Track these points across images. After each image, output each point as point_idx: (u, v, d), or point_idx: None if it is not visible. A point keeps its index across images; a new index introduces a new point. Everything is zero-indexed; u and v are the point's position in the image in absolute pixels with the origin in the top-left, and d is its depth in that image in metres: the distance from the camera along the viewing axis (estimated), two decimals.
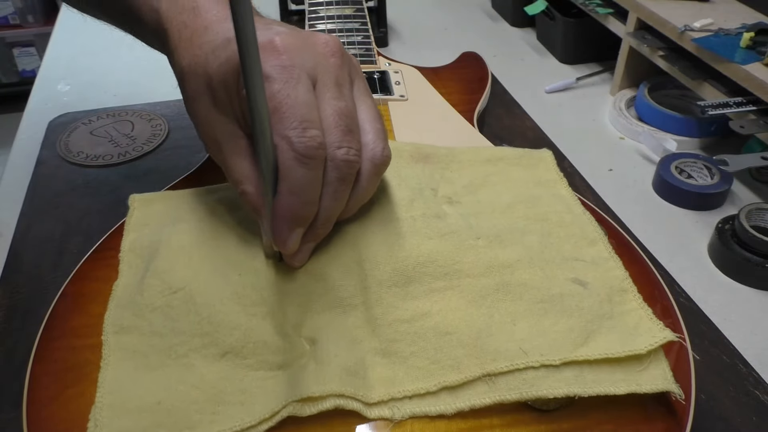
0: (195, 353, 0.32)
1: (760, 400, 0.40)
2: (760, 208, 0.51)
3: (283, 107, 0.32)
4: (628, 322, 0.33)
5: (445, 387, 0.31)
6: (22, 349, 0.42)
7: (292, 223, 0.33)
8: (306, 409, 0.29)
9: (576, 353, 0.31)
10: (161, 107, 0.67)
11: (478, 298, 0.34)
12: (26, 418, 0.30)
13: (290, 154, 0.31)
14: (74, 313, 0.35)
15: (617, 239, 0.41)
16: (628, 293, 0.35)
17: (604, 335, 0.32)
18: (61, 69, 0.79)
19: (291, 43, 0.33)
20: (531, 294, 0.34)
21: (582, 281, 0.35)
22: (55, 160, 0.60)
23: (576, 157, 0.62)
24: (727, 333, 0.44)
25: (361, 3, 0.70)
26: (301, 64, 0.33)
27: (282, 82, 0.32)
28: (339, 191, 0.34)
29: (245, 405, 0.30)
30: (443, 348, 0.32)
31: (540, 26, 0.87)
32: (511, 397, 0.30)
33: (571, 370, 0.31)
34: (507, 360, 0.31)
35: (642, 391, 0.30)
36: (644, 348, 0.31)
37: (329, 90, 0.34)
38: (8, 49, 2.21)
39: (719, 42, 0.59)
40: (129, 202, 0.41)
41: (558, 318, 0.33)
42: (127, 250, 0.38)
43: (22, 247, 0.50)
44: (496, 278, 0.35)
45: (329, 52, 0.35)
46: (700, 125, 0.64)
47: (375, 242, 0.36)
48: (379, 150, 0.35)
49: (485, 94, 0.58)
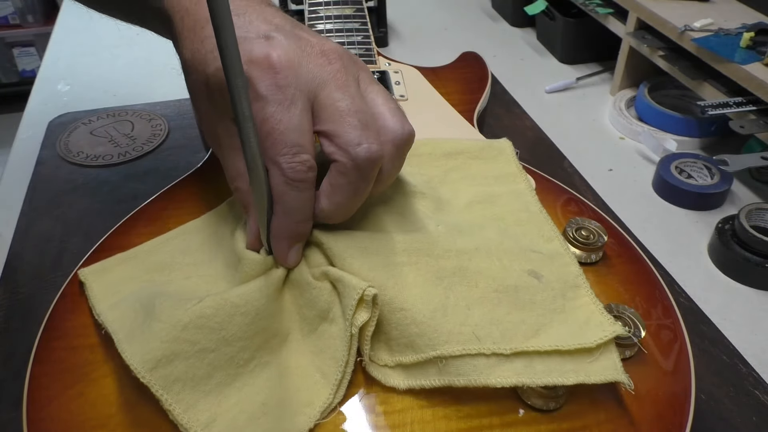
0: (262, 351, 0.32)
1: (760, 400, 0.40)
2: (760, 208, 0.51)
3: (275, 133, 0.32)
4: (579, 317, 0.34)
5: (400, 364, 0.32)
6: (22, 349, 0.42)
7: (290, 240, 0.34)
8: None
9: (527, 344, 0.31)
10: (161, 107, 0.67)
11: (435, 279, 0.34)
12: (26, 418, 0.30)
13: (281, 179, 0.32)
14: (74, 313, 0.35)
15: (617, 239, 0.41)
16: (581, 289, 0.35)
17: (555, 329, 0.33)
18: (61, 69, 0.79)
19: (288, 59, 0.33)
20: (487, 283, 0.34)
21: (537, 274, 0.35)
22: (55, 160, 0.60)
23: (576, 157, 0.62)
24: (727, 333, 0.44)
25: (361, 3, 0.70)
26: (297, 82, 0.33)
27: (276, 104, 0.32)
28: (359, 188, 0.34)
29: (327, 376, 0.32)
30: (398, 325, 0.32)
31: (540, 26, 0.87)
32: (459, 382, 0.30)
33: (521, 360, 0.31)
34: (459, 344, 0.31)
35: (590, 382, 0.30)
36: (594, 342, 0.31)
37: (333, 96, 0.34)
38: (8, 49, 2.21)
39: (719, 42, 0.59)
40: (80, 278, 0.37)
41: (511, 309, 0.33)
42: (108, 311, 0.34)
43: (22, 247, 0.50)
44: (454, 262, 0.35)
45: (326, 60, 0.35)
46: (700, 125, 0.64)
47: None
48: (399, 129, 0.35)
49: (485, 94, 0.58)
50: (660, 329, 0.35)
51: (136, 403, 0.31)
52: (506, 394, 0.31)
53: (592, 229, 0.40)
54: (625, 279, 0.38)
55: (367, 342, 0.32)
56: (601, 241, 0.39)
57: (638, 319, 0.34)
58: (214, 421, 0.30)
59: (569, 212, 0.43)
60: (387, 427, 0.30)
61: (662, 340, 0.34)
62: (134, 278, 0.36)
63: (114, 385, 0.32)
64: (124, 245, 0.39)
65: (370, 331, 0.32)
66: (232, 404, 0.30)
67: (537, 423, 0.31)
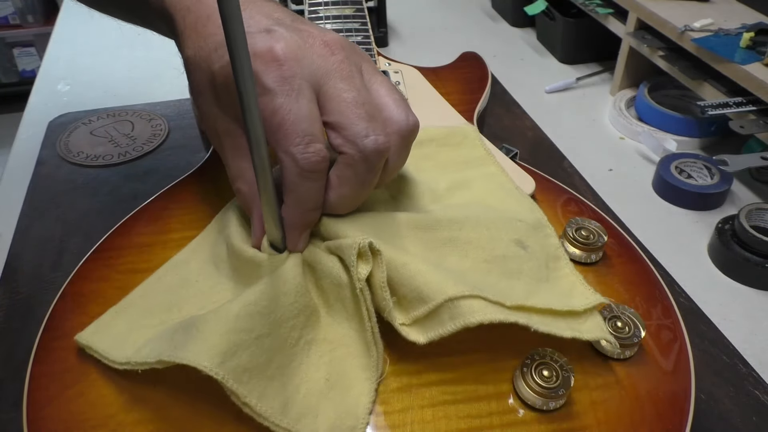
0: (307, 329, 0.32)
1: (760, 400, 0.40)
2: (760, 208, 0.51)
3: (287, 123, 0.32)
4: (563, 286, 0.35)
5: (416, 320, 0.32)
6: (22, 349, 0.42)
7: (302, 228, 0.34)
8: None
9: (524, 302, 0.32)
10: (161, 107, 0.67)
11: (426, 251, 0.35)
12: (26, 418, 0.30)
13: (295, 170, 0.32)
14: (74, 313, 0.35)
15: (617, 239, 0.41)
16: (561, 260, 0.37)
17: (543, 296, 0.34)
18: (61, 69, 0.79)
19: (291, 50, 0.33)
20: (476, 253, 0.35)
21: (524, 244, 0.36)
22: (55, 160, 0.60)
23: (576, 157, 0.62)
24: (727, 333, 0.44)
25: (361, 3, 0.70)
26: (302, 73, 0.33)
27: (284, 95, 0.32)
28: (367, 180, 0.34)
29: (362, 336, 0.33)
30: (404, 280, 0.32)
31: (540, 26, 0.87)
32: (473, 320, 0.30)
33: (521, 313, 0.31)
34: (466, 288, 0.31)
35: (584, 338, 0.32)
36: (581, 307, 0.33)
37: (338, 87, 0.34)
38: (8, 49, 2.21)
39: (719, 42, 0.59)
40: (81, 343, 0.33)
41: (500, 278, 0.34)
42: (136, 354, 0.31)
43: (22, 247, 0.50)
44: (444, 233, 0.36)
45: (329, 51, 0.35)
46: (700, 125, 0.64)
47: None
48: (404, 119, 0.35)
49: (485, 94, 0.58)
50: (660, 329, 0.35)
51: (136, 403, 0.31)
52: (506, 394, 0.32)
53: (592, 229, 0.40)
54: (625, 279, 0.38)
55: (386, 300, 0.32)
56: (601, 241, 0.39)
57: (638, 319, 0.34)
58: (287, 405, 0.30)
59: (569, 212, 0.43)
60: (387, 427, 0.30)
61: (662, 340, 0.34)
62: (144, 326, 0.34)
63: (114, 385, 0.32)
64: (124, 245, 0.40)
65: (383, 286, 0.32)
66: (296, 385, 0.31)
67: (537, 423, 0.31)
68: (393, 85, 0.36)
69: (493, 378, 0.32)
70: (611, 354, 0.33)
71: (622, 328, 0.33)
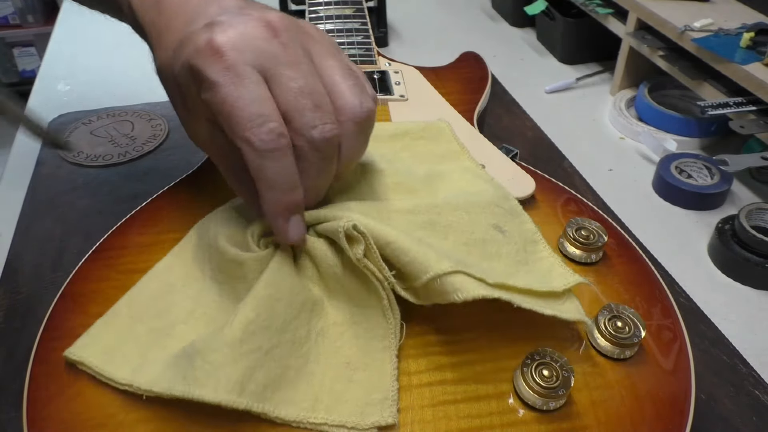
0: (313, 321, 0.33)
1: (760, 400, 0.40)
2: (760, 208, 0.51)
3: (236, 110, 0.31)
4: (542, 268, 0.36)
5: (410, 288, 0.33)
6: (22, 349, 0.42)
7: (285, 213, 0.33)
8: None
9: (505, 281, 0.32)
10: (161, 107, 0.67)
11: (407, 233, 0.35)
12: (26, 418, 0.30)
13: (254, 154, 0.31)
14: (74, 313, 0.35)
15: (617, 239, 0.41)
16: (539, 244, 0.38)
17: (523, 277, 0.34)
18: (61, 69, 0.79)
19: (231, 39, 0.32)
20: (456, 236, 0.36)
21: (501, 228, 0.37)
22: (55, 160, 0.60)
23: (576, 157, 0.62)
24: (727, 333, 0.44)
25: (361, 3, 0.70)
26: (245, 58, 0.32)
27: (228, 84, 0.31)
28: (323, 169, 0.34)
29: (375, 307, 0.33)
30: (391, 258, 0.33)
31: (540, 26, 0.87)
32: (458, 297, 0.30)
33: (502, 290, 0.32)
34: (450, 265, 0.31)
35: (563, 318, 0.32)
36: (560, 287, 0.33)
37: (283, 74, 0.32)
38: (8, 49, 2.21)
39: (719, 42, 0.59)
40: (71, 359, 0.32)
41: (480, 260, 0.35)
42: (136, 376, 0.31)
43: (22, 247, 0.50)
44: (423, 216, 0.36)
45: (272, 34, 0.33)
46: (700, 125, 0.64)
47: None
48: (357, 106, 0.34)
49: (485, 94, 0.58)
50: (660, 329, 0.35)
51: (136, 403, 0.31)
52: (506, 394, 0.32)
53: (592, 229, 0.40)
54: (625, 279, 0.38)
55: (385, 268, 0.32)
56: (601, 241, 0.39)
57: (638, 319, 0.34)
58: (317, 400, 0.30)
59: (569, 212, 0.43)
60: (387, 427, 0.30)
61: (662, 340, 0.34)
62: (134, 336, 0.33)
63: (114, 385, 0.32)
64: (124, 245, 0.40)
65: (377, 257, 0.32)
66: (319, 379, 0.31)
67: (537, 423, 0.31)
68: (348, 65, 0.35)
69: (493, 378, 0.32)
70: (611, 354, 0.33)
71: (622, 328, 0.33)
